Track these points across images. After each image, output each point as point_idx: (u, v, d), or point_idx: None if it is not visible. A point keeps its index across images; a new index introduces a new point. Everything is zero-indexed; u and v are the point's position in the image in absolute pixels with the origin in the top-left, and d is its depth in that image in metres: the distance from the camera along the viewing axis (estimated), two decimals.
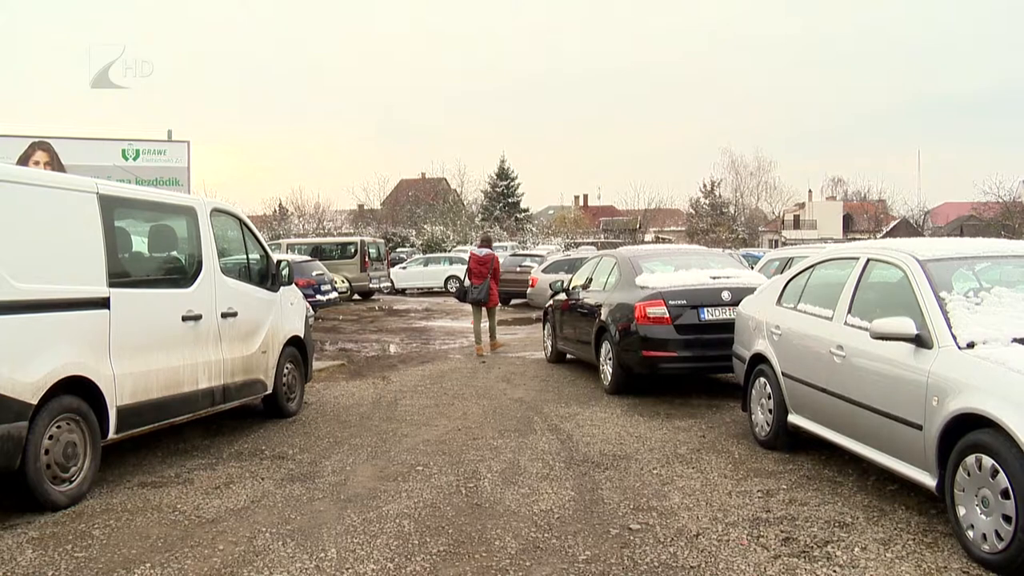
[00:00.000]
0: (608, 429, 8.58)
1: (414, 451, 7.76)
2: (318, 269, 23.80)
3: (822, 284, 7.30)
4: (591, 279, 12.21)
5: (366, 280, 30.45)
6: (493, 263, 15.59)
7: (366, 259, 30.57)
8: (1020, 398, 4.69)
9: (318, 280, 22.76)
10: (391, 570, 4.92)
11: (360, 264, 30.27)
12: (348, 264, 29.98)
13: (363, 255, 30.47)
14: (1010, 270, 6.31)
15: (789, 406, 7.25)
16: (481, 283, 15.36)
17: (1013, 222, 62.11)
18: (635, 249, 14.27)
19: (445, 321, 22.76)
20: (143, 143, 18.62)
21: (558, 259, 26.33)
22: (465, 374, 12.66)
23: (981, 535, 4.86)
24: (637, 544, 5.28)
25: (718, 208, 73.15)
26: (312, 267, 23.47)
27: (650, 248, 16.83)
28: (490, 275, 15.42)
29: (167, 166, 18.56)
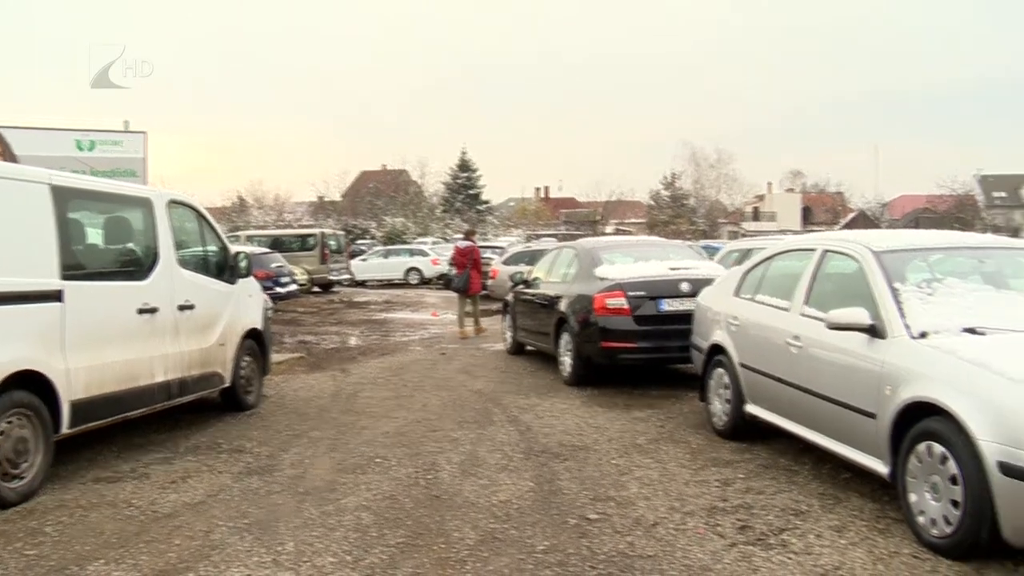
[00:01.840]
0: (567, 420, 8.60)
1: (373, 443, 7.73)
2: (277, 261, 23.63)
3: (779, 275, 7.37)
4: (551, 271, 12.23)
5: (326, 272, 30.23)
6: (474, 254, 16.74)
7: (326, 251, 30.36)
8: (968, 386, 4.78)
9: (277, 272, 22.60)
10: (349, 563, 4.90)
11: (320, 256, 30.05)
12: (308, 256, 29.75)
13: (323, 247, 30.27)
14: (962, 262, 6.41)
15: (746, 396, 7.31)
16: (463, 272, 16.49)
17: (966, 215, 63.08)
18: (595, 241, 14.31)
19: (405, 313, 22.69)
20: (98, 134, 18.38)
21: (519, 251, 26.35)
22: (425, 366, 12.63)
23: (931, 520, 4.94)
24: (595, 534, 5.31)
25: (678, 200, 73.52)
26: (271, 259, 23.29)
27: (610, 240, 16.89)
28: (470, 265, 16.48)
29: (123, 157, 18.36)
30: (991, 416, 4.57)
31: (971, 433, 4.60)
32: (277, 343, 13.90)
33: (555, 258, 12.52)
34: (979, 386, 4.74)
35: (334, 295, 29.31)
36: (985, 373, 4.76)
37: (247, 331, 9.33)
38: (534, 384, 10.82)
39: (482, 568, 4.80)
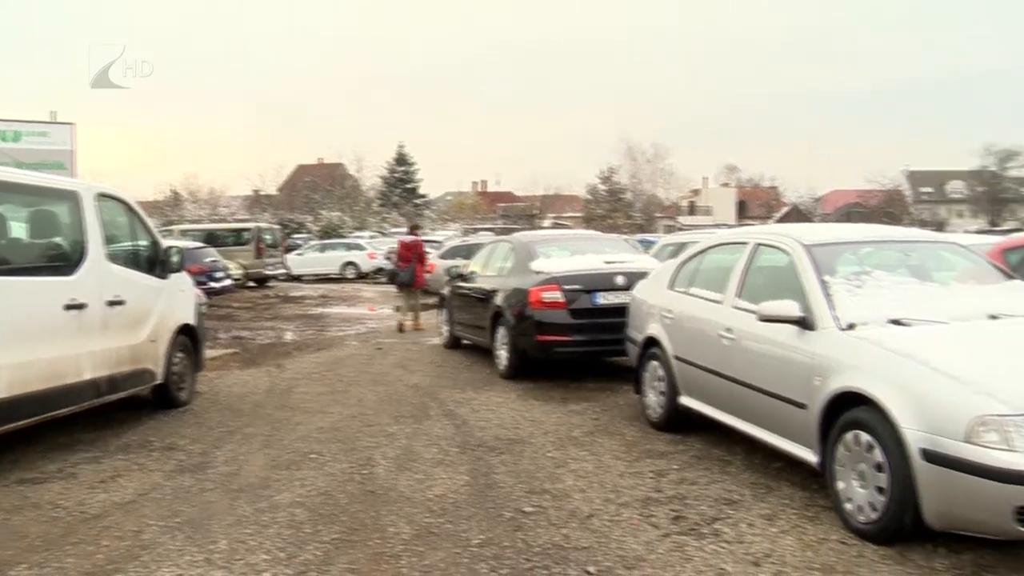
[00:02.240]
0: (503, 413, 8.62)
1: (308, 439, 7.66)
2: (212, 256, 23.31)
3: (712, 268, 7.45)
4: (487, 264, 12.23)
5: (261, 267, 29.89)
6: (418, 248, 17.13)
7: (261, 245, 30.00)
8: (893, 376, 4.89)
9: (211, 267, 22.31)
10: (283, 560, 4.84)
11: (255, 251, 29.69)
12: (243, 251, 29.36)
13: (258, 241, 29.91)
14: (889, 255, 6.55)
15: (680, 388, 7.38)
16: (408, 266, 16.84)
17: (895, 209, 64.47)
18: (531, 234, 14.35)
19: (341, 308, 22.53)
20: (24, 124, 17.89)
21: (456, 245, 26.32)
22: (361, 361, 12.56)
23: (858, 507, 5.05)
24: (530, 527, 5.32)
25: (615, 194, 73.97)
26: (205, 254, 22.98)
27: (546, 233, 17.00)
28: (415, 259, 16.84)
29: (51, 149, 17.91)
30: (914, 405, 4.68)
31: (895, 422, 4.71)
32: (211, 339, 13.71)
33: (491, 252, 12.52)
34: (903, 376, 4.85)
35: (269, 290, 28.98)
36: (909, 363, 4.87)
37: (180, 327, 9.17)
38: (470, 378, 10.81)
39: (417, 563, 4.78)
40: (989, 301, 5.80)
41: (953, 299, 5.82)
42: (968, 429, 4.40)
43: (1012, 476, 4.23)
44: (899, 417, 4.71)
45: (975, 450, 4.35)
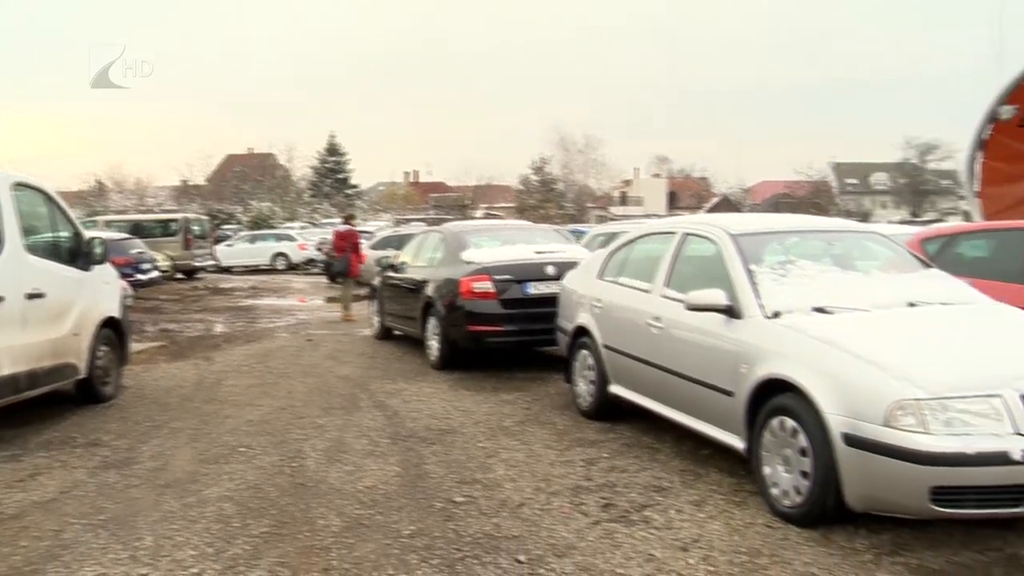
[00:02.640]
0: (434, 404, 8.60)
1: (237, 432, 7.56)
2: (138, 247, 22.87)
3: (641, 258, 7.51)
4: (418, 255, 12.19)
5: (190, 258, 29.36)
6: (353, 238, 17.48)
7: (189, 236, 29.48)
8: (817, 363, 4.99)
9: (137, 259, 21.89)
10: (211, 555, 4.77)
11: (183, 242, 29.16)
12: (170, 242, 28.82)
13: (186, 232, 29.39)
14: (813, 244, 6.66)
15: (610, 377, 7.44)
16: (342, 256, 17.23)
17: (821, 200, 65.68)
18: (461, 225, 14.33)
19: (272, 299, 22.28)
20: None
21: (387, 235, 26.17)
22: (291, 352, 12.43)
23: (783, 491, 5.16)
24: (461, 516, 5.32)
25: (547, 185, 74.05)
26: (131, 245, 22.55)
27: (476, 224, 17.08)
28: (350, 249, 17.17)
29: None
30: (836, 391, 4.79)
31: (819, 407, 4.82)
32: (138, 332, 13.46)
33: (422, 242, 12.47)
34: (826, 363, 4.95)
35: (198, 282, 28.56)
36: (831, 350, 4.98)
37: (104, 320, 8.96)
38: (401, 369, 10.77)
39: (347, 555, 4.76)
40: (908, 289, 5.95)
41: (874, 288, 5.96)
42: (887, 413, 4.51)
43: (928, 458, 4.36)
44: (822, 403, 4.82)
45: (893, 433, 4.46)
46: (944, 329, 5.39)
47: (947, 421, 4.43)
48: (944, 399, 4.47)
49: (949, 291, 6.08)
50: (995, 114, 15.25)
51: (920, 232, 9.79)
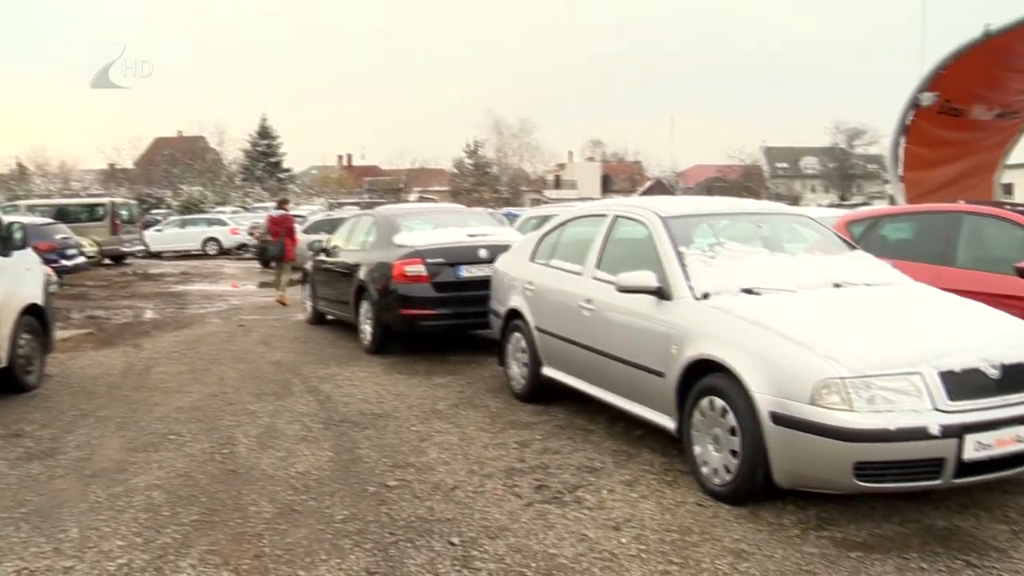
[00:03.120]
0: (367, 388, 8.56)
1: (166, 420, 7.44)
2: (62, 232, 22.30)
3: (573, 241, 7.54)
4: (350, 238, 12.09)
5: (117, 243, 28.72)
6: (287, 223, 17.58)
7: (117, 221, 28.81)
8: (745, 343, 5.07)
9: (62, 244, 21.36)
10: (139, 545, 4.70)
11: (110, 227, 28.48)
12: (97, 227, 28.13)
13: (113, 217, 28.72)
14: (743, 226, 6.77)
15: (543, 359, 7.46)
16: (277, 241, 17.23)
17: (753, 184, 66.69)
18: (394, 208, 14.20)
19: (203, 285, 21.95)
20: None
21: (319, 219, 25.93)
22: (222, 338, 12.26)
23: (713, 470, 5.23)
24: (394, 500, 5.31)
25: (482, 168, 74.15)
26: (55, 230, 21.98)
27: (409, 207, 16.99)
28: (284, 233, 17.24)
29: None
30: (764, 370, 4.86)
31: (747, 387, 4.89)
32: (63, 319, 13.19)
33: (354, 226, 12.36)
34: (754, 343, 5.03)
35: (127, 267, 28.02)
36: (759, 331, 5.05)
37: (25, 307, 8.73)
38: (334, 354, 10.69)
39: (280, 541, 4.72)
40: (834, 271, 6.06)
41: (802, 269, 6.06)
42: (813, 392, 4.59)
43: (852, 434, 4.46)
44: (750, 382, 4.89)
45: (819, 411, 4.56)
46: (868, 309, 5.50)
47: (870, 399, 4.54)
48: (867, 377, 4.57)
49: (873, 272, 6.22)
50: (916, 101, 15.63)
51: (846, 215, 9.98)
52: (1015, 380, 4.76)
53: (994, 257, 7.24)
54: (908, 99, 15.81)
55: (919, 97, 15.57)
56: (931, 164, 16.42)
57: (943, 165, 16.71)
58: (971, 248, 7.45)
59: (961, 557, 4.38)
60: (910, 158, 16.25)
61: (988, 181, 17.84)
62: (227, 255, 34.37)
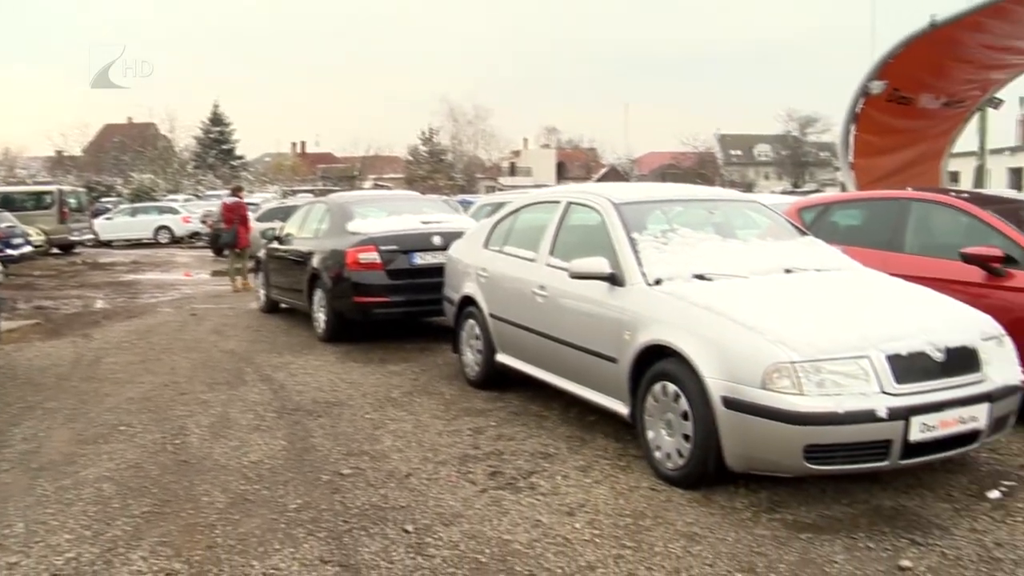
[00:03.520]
0: (321, 376, 8.52)
1: (117, 410, 7.34)
2: (8, 221, 21.98)
3: (526, 227, 7.54)
4: (303, 226, 12.00)
5: (66, 232, 28.28)
6: (241, 210, 17.56)
7: (65, 210, 28.36)
8: (697, 329, 5.10)
9: (8, 233, 21.07)
10: (88, 538, 4.64)
11: (58, 215, 28.05)
12: (44, 215, 27.68)
13: (61, 205, 28.26)
14: (696, 213, 6.80)
15: (497, 346, 7.47)
16: (231, 228, 17.24)
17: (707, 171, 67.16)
18: (347, 195, 14.15)
19: (155, 274, 21.67)
20: None
21: (273, 207, 25.69)
22: (174, 328, 12.11)
23: (666, 455, 5.27)
24: (348, 488, 5.30)
25: (436, 155, 73.92)
26: (0, 219, 21.62)
27: (362, 194, 16.88)
28: (238, 221, 17.27)
29: None
30: (716, 355, 4.90)
31: (699, 372, 4.93)
32: (9, 309, 12.98)
33: (307, 214, 12.26)
34: (706, 328, 5.06)
35: (76, 256, 27.60)
36: (711, 316, 5.09)
37: None
38: (288, 342, 10.62)
39: (232, 531, 4.69)
40: (785, 256, 6.12)
41: (753, 255, 6.10)
42: (764, 376, 4.64)
43: (801, 418, 4.51)
44: (702, 367, 4.93)
45: (770, 395, 4.61)
46: (818, 294, 5.56)
47: (820, 382, 4.59)
48: (817, 361, 4.63)
49: (823, 258, 6.29)
50: (866, 89, 15.82)
51: (797, 201, 10.07)
52: (959, 363, 4.87)
53: (940, 243, 7.35)
54: (858, 87, 15.99)
55: (868, 86, 15.76)
56: (880, 151, 16.64)
57: (892, 153, 16.94)
58: (918, 234, 7.55)
59: (906, 535, 4.46)
60: (860, 146, 16.45)
61: (935, 168, 18.13)
62: (179, 243, 33.99)
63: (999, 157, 32.86)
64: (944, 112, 17.26)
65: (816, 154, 73.80)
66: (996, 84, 17.55)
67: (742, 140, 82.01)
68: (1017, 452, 5.81)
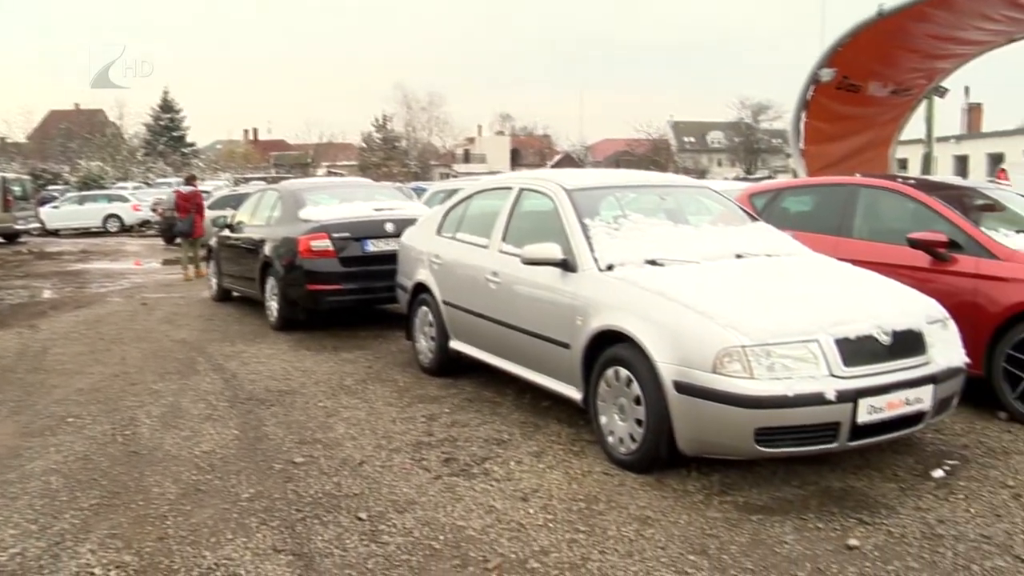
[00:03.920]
0: (274, 365, 8.46)
1: (65, 402, 7.23)
2: None
3: (479, 214, 7.53)
4: (255, 214, 11.88)
5: (10, 221, 27.73)
6: (196, 198, 17.57)
7: (9, 198, 27.81)
8: (649, 314, 5.13)
9: None
10: (34, 532, 4.56)
11: (2, 203, 27.50)
12: None
13: (4, 193, 27.72)
14: (648, 199, 6.84)
15: (450, 332, 7.46)
16: (187, 217, 17.14)
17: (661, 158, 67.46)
18: (299, 182, 14.04)
19: (104, 263, 21.36)
20: None
21: (225, 194, 25.41)
22: (124, 317, 11.95)
23: (619, 439, 5.30)
24: (301, 477, 5.27)
25: (390, 142, 73.56)
26: None
27: (314, 181, 16.79)
28: (194, 209, 17.22)
29: None
30: (668, 340, 4.93)
31: (651, 357, 4.96)
32: None
33: (259, 201, 12.13)
34: (658, 313, 5.09)
35: (21, 246, 27.09)
36: (662, 301, 5.12)
37: None
38: (240, 331, 10.53)
39: (184, 522, 4.64)
40: (736, 242, 6.18)
41: (704, 240, 6.15)
42: (715, 361, 4.68)
43: (752, 401, 4.56)
44: (654, 352, 4.96)
45: (721, 380, 4.64)
46: (768, 279, 5.61)
47: (770, 366, 4.64)
48: (767, 345, 4.68)
49: (774, 243, 6.36)
50: (816, 77, 15.97)
51: (749, 187, 10.16)
52: (905, 346, 4.95)
53: (888, 228, 7.45)
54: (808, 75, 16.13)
55: (819, 73, 15.89)
56: (830, 138, 16.81)
57: (841, 139, 17.12)
58: (867, 220, 7.65)
59: (854, 515, 4.54)
60: (810, 132, 16.60)
61: (884, 155, 18.35)
62: (129, 232, 33.48)
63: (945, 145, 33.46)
64: (892, 100, 17.47)
65: (768, 141, 74.45)
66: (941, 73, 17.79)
67: (695, 127, 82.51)
68: (960, 432, 5.94)
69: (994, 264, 6.38)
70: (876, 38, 15.26)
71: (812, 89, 16.13)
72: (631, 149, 73.03)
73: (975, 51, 17.04)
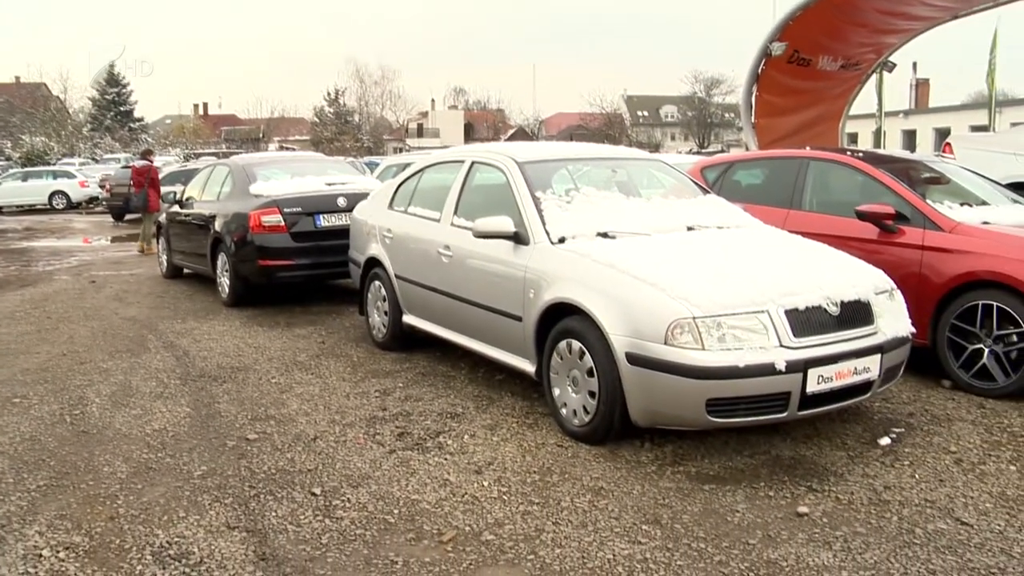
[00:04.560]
0: (227, 342, 8.38)
1: (10, 383, 7.09)
2: None
3: (430, 188, 7.49)
4: (205, 189, 11.72)
5: None
6: (151, 173, 17.66)
7: None
8: (600, 286, 5.14)
9: None
10: None
11: None
12: None
13: None
14: (600, 172, 6.87)
15: (403, 307, 7.44)
16: (140, 191, 17.43)
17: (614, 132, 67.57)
18: (249, 157, 13.84)
19: (50, 241, 20.97)
20: None
21: (174, 170, 25.04)
22: (72, 295, 11.75)
23: (572, 411, 5.33)
24: (255, 454, 5.24)
25: (343, 117, 72.95)
26: None
27: (265, 156, 16.59)
28: (148, 184, 17.35)
29: None
30: (620, 312, 4.96)
31: (603, 329, 4.98)
32: None
33: (208, 176, 11.97)
34: (609, 285, 5.11)
35: None
36: (614, 273, 5.13)
37: None
38: (192, 308, 10.41)
39: (135, 501, 4.59)
40: (688, 214, 6.21)
41: (656, 213, 6.17)
42: (666, 332, 4.71)
43: (703, 372, 4.60)
44: (606, 324, 4.98)
45: (672, 351, 4.68)
46: (719, 251, 5.63)
47: (720, 337, 4.68)
48: (717, 316, 4.72)
49: (725, 215, 6.40)
50: (768, 50, 16.09)
51: (701, 160, 10.22)
52: (853, 316, 5.03)
53: (837, 201, 7.54)
54: (760, 49, 16.24)
55: (770, 47, 16.02)
56: (782, 112, 16.96)
57: (792, 113, 17.29)
58: (817, 192, 7.73)
59: (804, 483, 4.62)
60: (762, 106, 16.75)
61: (834, 129, 18.58)
62: (77, 209, 32.90)
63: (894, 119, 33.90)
64: (842, 74, 17.67)
65: (721, 115, 74.97)
66: (889, 48, 18.04)
67: (649, 101, 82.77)
68: (906, 400, 6.06)
69: (939, 236, 6.49)
70: (826, 12, 15.41)
71: (764, 63, 16.26)
72: (585, 123, 73.09)
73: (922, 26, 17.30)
